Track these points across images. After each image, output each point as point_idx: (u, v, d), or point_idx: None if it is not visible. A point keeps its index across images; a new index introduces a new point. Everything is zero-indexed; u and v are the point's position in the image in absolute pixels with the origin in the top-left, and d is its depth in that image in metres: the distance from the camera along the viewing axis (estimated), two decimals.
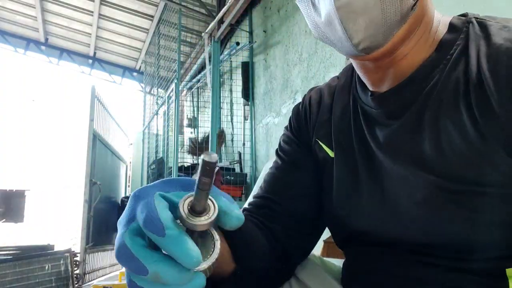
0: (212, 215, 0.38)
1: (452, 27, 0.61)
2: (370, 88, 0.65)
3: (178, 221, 0.37)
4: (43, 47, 7.86)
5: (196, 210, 0.37)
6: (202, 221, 0.37)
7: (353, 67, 0.73)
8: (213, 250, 0.39)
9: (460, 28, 0.60)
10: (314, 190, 0.72)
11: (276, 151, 0.79)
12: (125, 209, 0.40)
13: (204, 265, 0.37)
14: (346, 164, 0.66)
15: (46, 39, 7.73)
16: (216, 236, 0.40)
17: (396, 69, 0.61)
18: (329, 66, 3.20)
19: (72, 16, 6.81)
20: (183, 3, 5.06)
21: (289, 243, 0.67)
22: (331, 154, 0.69)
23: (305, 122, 0.76)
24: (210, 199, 0.38)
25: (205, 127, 5.76)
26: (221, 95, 5.44)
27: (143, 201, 0.38)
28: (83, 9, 6.52)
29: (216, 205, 0.38)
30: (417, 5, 0.56)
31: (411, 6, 0.55)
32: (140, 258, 0.35)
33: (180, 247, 0.35)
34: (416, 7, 0.56)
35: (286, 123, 0.80)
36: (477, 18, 0.61)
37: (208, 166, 0.34)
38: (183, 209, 0.37)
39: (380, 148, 0.61)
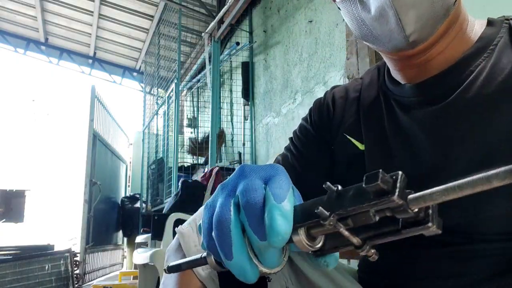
0: (320, 242, 0.37)
1: (490, 23, 0.64)
2: (404, 82, 0.66)
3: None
4: (43, 47, 7.85)
5: (312, 235, 0.36)
6: (315, 247, 0.36)
7: (377, 67, 0.75)
8: (283, 259, 0.39)
9: (499, 23, 0.63)
10: (319, 189, 0.72)
11: (291, 139, 0.80)
12: (232, 177, 0.40)
13: (274, 270, 0.38)
14: (380, 153, 0.66)
15: (46, 39, 7.72)
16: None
17: (432, 65, 0.62)
18: (329, 66, 3.20)
19: (72, 16, 6.81)
20: (183, 3, 5.05)
21: None
22: (361, 146, 0.69)
23: (327, 117, 0.76)
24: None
25: (205, 127, 5.76)
26: (221, 95, 5.44)
27: (253, 189, 0.37)
28: (83, 9, 6.52)
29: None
30: (458, 1, 0.59)
31: (453, 2, 0.58)
32: (233, 247, 0.36)
33: (271, 255, 0.36)
34: (457, 3, 0.59)
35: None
36: None
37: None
38: (303, 233, 0.36)
39: (422, 131, 0.62)
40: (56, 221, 12.42)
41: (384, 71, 0.72)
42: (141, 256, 2.67)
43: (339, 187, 0.34)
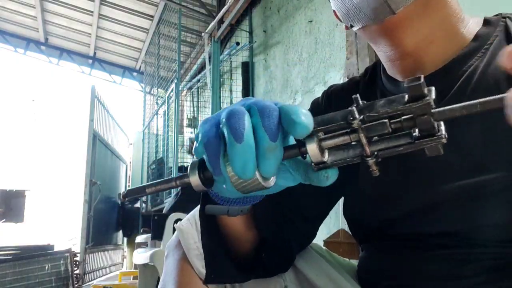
0: (326, 156, 0.36)
1: (487, 22, 0.63)
2: (401, 79, 0.65)
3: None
4: (43, 47, 7.86)
5: (323, 147, 0.36)
6: (327, 162, 0.36)
7: (373, 65, 0.74)
8: (273, 178, 0.38)
9: (496, 22, 0.62)
10: (325, 188, 0.71)
11: None
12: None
13: (267, 181, 0.37)
14: None
15: (46, 39, 7.72)
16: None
17: (425, 58, 0.61)
18: (329, 66, 3.20)
19: (72, 16, 6.81)
20: (183, 3, 5.05)
21: (292, 233, 0.67)
22: None
23: None
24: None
25: None
26: (221, 95, 5.44)
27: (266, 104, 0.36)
28: (83, 9, 6.52)
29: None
30: None
31: None
32: (246, 131, 0.34)
33: (272, 160, 0.35)
34: None
35: None
36: None
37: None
38: (317, 140, 0.35)
39: None
40: (56, 221, 12.42)
41: (380, 70, 0.71)
42: (141, 256, 2.67)
43: (365, 102, 0.34)
